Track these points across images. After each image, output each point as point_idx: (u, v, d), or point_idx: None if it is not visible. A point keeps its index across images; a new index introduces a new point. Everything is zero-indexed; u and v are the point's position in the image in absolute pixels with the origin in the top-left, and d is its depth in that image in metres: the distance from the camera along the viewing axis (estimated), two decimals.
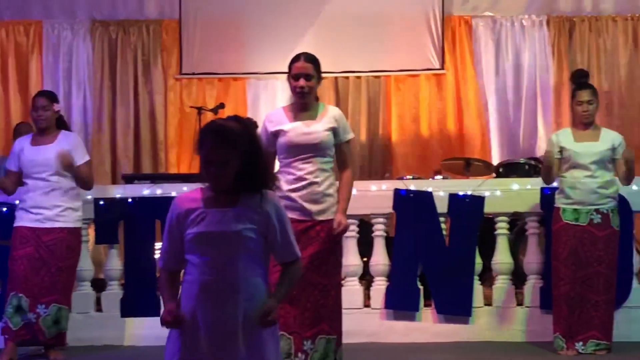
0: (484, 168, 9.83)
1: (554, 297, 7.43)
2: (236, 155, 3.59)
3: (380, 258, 8.20)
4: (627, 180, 7.38)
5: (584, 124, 7.41)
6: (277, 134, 5.84)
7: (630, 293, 7.93)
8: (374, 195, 8.18)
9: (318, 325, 5.75)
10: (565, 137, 7.41)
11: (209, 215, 3.61)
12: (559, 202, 7.39)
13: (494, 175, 9.64)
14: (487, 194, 8.08)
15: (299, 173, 5.77)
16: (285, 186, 5.76)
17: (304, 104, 5.88)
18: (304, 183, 5.75)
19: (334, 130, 5.88)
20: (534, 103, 11.33)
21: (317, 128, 5.83)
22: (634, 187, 7.95)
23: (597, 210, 7.26)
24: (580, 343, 7.24)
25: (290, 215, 5.58)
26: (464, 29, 11.47)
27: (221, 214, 3.60)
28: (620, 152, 7.33)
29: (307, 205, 5.76)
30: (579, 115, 7.42)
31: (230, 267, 3.57)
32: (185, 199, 3.71)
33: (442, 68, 11.37)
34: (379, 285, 8.15)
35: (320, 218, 5.78)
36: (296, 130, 5.81)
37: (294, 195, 5.75)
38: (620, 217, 7.40)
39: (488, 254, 8.25)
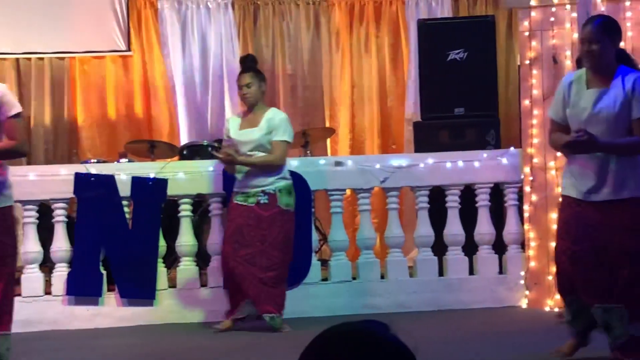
0: (169, 150, 9.81)
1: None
2: None
3: (60, 244, 8.01)
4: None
5: (247, 106, 7.59)
6: None
7: (309, 270, 8.19)
8: (53, 180, 7.98)
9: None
10: (233, 125, 7.57)
11: None
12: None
13: (178, 157, 9.65)
14: (170, 176, 8.09)
15: None
16: None
17: None
18: None
19: None
20: (221, 85, 11.40)
21: None
22: (310, 169, 8.24)
23: (263, 191, 7.43)
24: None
25: None
26: (150, 11, 11.35)
27: None
28: (274, 133, 7.42)
29: None
30: (241, 98, 7.68)
31: None
32: None
33: (129, 50, 11.20)
34: (60, 272, 7.97)
35: None
36: None
37: None
38: (295, 196, 7.57)
39: (173, 236, 8.27)
